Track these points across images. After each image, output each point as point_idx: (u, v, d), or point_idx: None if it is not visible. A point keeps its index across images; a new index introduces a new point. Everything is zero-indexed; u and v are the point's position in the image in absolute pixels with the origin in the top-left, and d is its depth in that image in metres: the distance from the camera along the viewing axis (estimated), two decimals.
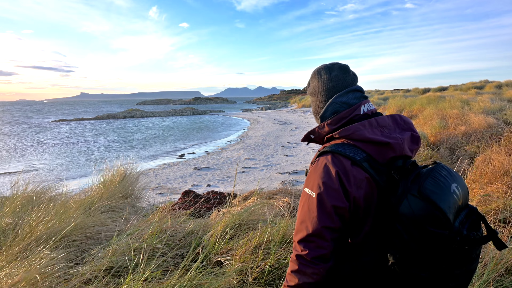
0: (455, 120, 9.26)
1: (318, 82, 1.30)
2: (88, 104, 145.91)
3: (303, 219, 1.12)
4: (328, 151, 1.14)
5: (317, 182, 1.11)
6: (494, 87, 24.78)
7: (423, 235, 0.97)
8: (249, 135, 20.46)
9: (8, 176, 11.12)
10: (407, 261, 1.01)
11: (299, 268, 1.11)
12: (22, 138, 22.37)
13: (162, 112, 47.82)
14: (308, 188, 1.13)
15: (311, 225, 1.09)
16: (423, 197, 0.98)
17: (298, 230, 1.13)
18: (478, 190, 3.95)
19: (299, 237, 1.12)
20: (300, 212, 1.15)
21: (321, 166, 1.12)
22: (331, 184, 1.08)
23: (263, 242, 2.67)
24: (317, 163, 1.15)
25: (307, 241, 1.10)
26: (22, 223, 3.06)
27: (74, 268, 2.47)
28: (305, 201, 1.13)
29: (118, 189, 4.75)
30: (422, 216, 0.97)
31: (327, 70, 1.29)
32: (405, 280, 1.03)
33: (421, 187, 0.99)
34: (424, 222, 0.97)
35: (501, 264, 2.22)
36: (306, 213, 1.12)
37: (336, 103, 1.23)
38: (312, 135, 1.28)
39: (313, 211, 1.10)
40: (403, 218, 0.99)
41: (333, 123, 1.21)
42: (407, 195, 1.00)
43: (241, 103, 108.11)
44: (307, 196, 1.13)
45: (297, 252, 1.11)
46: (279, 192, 4.98)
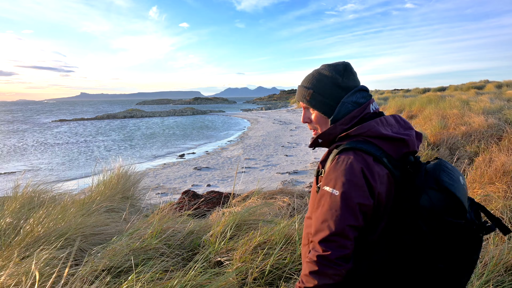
0: (455, 120, 9.26)
1: (327, 82, 1.24)
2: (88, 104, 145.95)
3: (325, 218, 1.08)
4: (349, 148, 1.12)
5: (340, 180, 1.08)
6: (494, 87, 24.78)
7: (442, 226, 1.01)
8: (249, 135, 20.47)
9: (9, 175, 11.12)
10: (426, 254, 1.03)
11: (319, 269, 1.06)
12: (22, 138, 22.37)
13: (162, 112, 47.82)
14: (329, 186, 1.10)
15: (334, 224, 1.06)
16: (442, 189, 1.02)
17: (318, 229, 1.09)
18: (478, 190, 3.95)
19: (320, 237, 1.07)
20: (320, 212, 1.11)
21: (344, 163, 1.10)
22: (356, 181, 1.07)
23: (263, 242, 2.67)
24: (337, 160, 1.12)
25: (330, 240, 1.06)
26: (23, 223, 3.06)
27: (74, 268, 2.47)
28: (325, 199, 1.10)
29: (118, 189, 4.75)
30: (442, 207, 1.01)
31: (336, 70, 1.25)
32: (421, 274, 1.05)
33: (439, 180, 1.04)
34: (443, 213, 1.01)
35: (501, 264, 2.23)
36: (327, 212, 1.08)
37: (348, 103, 1.21)
38: (321, 139, 1.24)
39: (336, 209, 1.07)
40: (423, 211, 1.02)
41: (345, 122, 1.19)
42: (425, 188, 1.03)
43: (241, 103, 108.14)
44: (329, 194, 1.09)
45: (318, 252, 1.07)
46: (279, 192, 4.98)
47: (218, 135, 22.64)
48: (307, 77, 1.31)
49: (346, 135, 1.18)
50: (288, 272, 2.42)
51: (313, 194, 1.27)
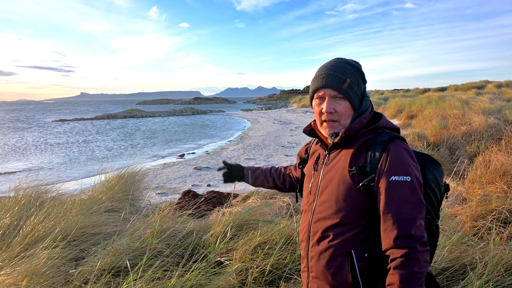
0: (455, 120, 9.26)
1: (358, 75, 1.26)
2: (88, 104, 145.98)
3: (408, 206, 1.08)
4: (396, 137, 1.20)
5: (405, 167, 1.13)
6: (494, 87, 24.78)
7: (439, 191, 1.23)
8: (249, 135, 20.47)
9: (9, 175, 11.13)
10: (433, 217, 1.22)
11: (422, 259, 1.04)
12: (23, 138, 22.37)
13: (162, 112, 47.81)
14: (397, 175, 1.11)
15: (418, 207, 1.09)
16: (435, 162, 1.26)
17: (405, 219, 1.07)
18: (478, 190, 3.95)
19: (412, 226, 1.06)
20: (397, 202, 1.09)
21: (401, 151, 1.16)
22: (415, 164, 1.16)
23: (263, 242, 2.67)
24: (393, 150, 1.15)
25: (420, 225, 1.08)
26: (23, 223, 3.06)
27: (74, 268, 2.48)
28: (400, 188, 1.10)
29: (118, 189, 4.75)
30: (439, 176, 1.24)
31: (360, 65, 1.29)
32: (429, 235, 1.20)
33: (430, 156, 1.28)
34: (439, 180, 1.24)
35: (501, 264, 2.22)
36: (408, 199, 1.09)
37: (368, 98, 1.30)
38: (346, 133, 1.21)
39: (415, 194, 1.10)
40: (430, 182, 1.21)
41: (366, 116, 1.25)
42: (427, 165, 1.24)
43: (241, 103, 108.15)
44: (402, 182, 1.10)
45: (416, 242, 1.04)
46: (279, 192, 4.98)
47: (218, 135, 22.64)
48: (336, 67, 1.24)
49: (375, 127, 1.25)
50: (288, 272, 2.42)
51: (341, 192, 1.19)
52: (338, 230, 1.19)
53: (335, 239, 1.19)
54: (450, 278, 2.30)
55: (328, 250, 1.20)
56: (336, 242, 1.19)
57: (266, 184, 1.73)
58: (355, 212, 1.17)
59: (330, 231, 1.20)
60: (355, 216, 1.17)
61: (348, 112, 1.24)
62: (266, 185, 1.74)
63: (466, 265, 2.34)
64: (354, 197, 1.17)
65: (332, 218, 1.20)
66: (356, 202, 1.17)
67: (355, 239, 1.17)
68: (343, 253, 1.17)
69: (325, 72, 1.25)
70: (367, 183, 1.14)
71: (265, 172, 1.75)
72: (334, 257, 1.19)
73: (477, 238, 2.86)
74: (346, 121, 1.24)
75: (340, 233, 1.18)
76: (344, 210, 1.18)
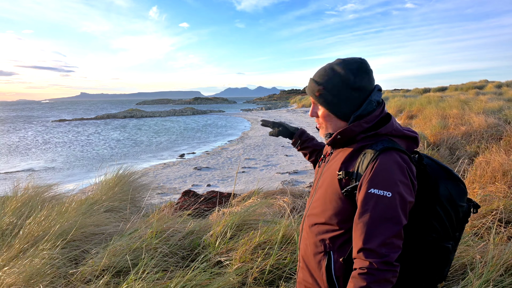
0: (455, 120, 9.26)
1: (338, 81, 1.20)
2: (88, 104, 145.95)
3: (378, 222, 1.05)
4: (390, 148, 1.12)
5: (390, 181, 1.07)
6: (494, 87, 24.78)
7: (455, 211, 1.15)
8: (249, 135, 20.47)
9: (9, 175, 11.13)
10: (441, 237, 1.14)
11: (380, 277, 1.02)
12: (23, 138, 22.37)
13: (162, 112, 47.80)
14: (377, 189, 1.07)
15: (391, 226, 1.05)
16: (454, 178, 1.17)
17: (372, 235, 1.05)
18: (478, 190, 3.95)
19: (378, 242, 1.04)
20: (369, 216, 1.06)
21: (390, 163, 1.09)
22: (405, 180, 1.08)
23: (263, 242, 2.67)
24: (381, 161, 1.09)
25: (388, 243, 1.04)
26: (23, 223, 3.06)
27: (74, 268, 2.48)
28: (376, 202, 1.06)
29: (118, 189, 4.75)
30: (456, 194, 1.16)
31: (349, 68, 1.20)
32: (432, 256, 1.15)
33: (449, 171, 1.19)
34: (456, 199, 1.15)
35: (501, 264, 2.23)
36: (381, 215, 1.05)
37: (373, 102, 1.20)
38: (341, 135, 1.20)
39: (391, 211, 1.05)
40: (443, 199, 1.14)
41: (368, 121, 1.18)
42: (440, 179, 1.16)
43: (241, 103, 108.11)
44: (379, 197, 1.06)
45: (377, 259, 1.03)
46: (279, 192, 4.98)
47: (218, 135, 22.64)
48: (319, 71, 1.26)
49: (375, 134, 1.17)
50: (288, 272, 2.42)
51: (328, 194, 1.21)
52: (321, 228, 1.22)
53: (318, 236, 1.23)
54: (450, 278, 2.30)
55: (312, 246, 1.25)
56: (318, 239, 1.23)
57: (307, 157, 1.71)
58: (338, 215, 1.18)
59: (315, 228, 1.25)
60: (338, 219, 1.18)
61: (327, 118, 1.25)
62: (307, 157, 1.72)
63: (466, 265, 2.34)
64: (338, 201, 1.17)
65: (319, 216, 1.24)
66: (339, 206, 1.17)
67: (335, 241, 1.19)
68: (323, 252, 1.21)
69: (310, 78, 1.30)
70: (350, 189, 1.14)
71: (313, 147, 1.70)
72: (315, 253, 1.23)
73: (477, 238, 2.86)
74: (328, 126, 1.26)
75: (322, 232, 1.22)
76: (329, 211, 1.20)
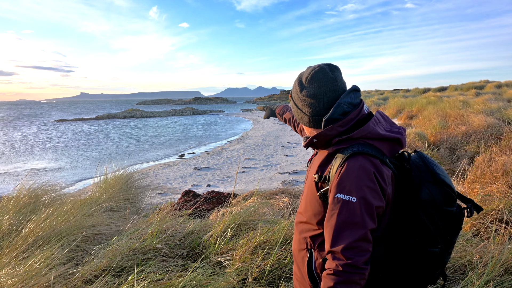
0: (455, 120, 9.26)
1: (320, 83, 1.20)
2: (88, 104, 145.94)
3: (344, 225, 1.07)
4: (358, 153, 1.11)
5: (356, 186, 1.08)
6: (494, 87, 24.78)
7: (440, 215, 1.12)
8: (249, 135, 20.47)
9: (10, 176, 11.13)
10: (425, 241, 1.12)
11: (347, 278, 1.05)
12: (23, 138, 22.37)
13: (162, 112, 47.80)
14: (342, 193, 1.08)
15: (357, 230, 1.06)
16: (438, 182, 1.12)
17: (338, 238, 1.07)
18: (478, 190, 3.95)
19: (343, 245, 1.06)
20: (336, 220, 1.08)
21: (355, 168, 1.09)
22: (371, 185, 1.08)
23: (263, 242, 2.67)
24: (348, 166, 1.10)
25: (354, 247, 1.05)
26: (24, 223, 3.06)
27: (74, 268, 2.47)
28: (341, 207, 1.08)
29: (118, 189, 4.75)
30: (440, 198, 1.11)
31: (327, 71, 1.21)
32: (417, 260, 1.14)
33: (435, 173, 1.14)
34: (442, 204, 1.11)
35: (501, 264, 2.23)
36: (347, 219, 1.07)
37: (343, 104, 1.18)
38: (316, 139, 1.20)
39: (355, 215, 1.06)
40: (425, 203, 1.11)
41: (343, 124, 1.16)
42: (423, 182, 1.12)
43: (241, 103, 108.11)
44: (344, 202, 1.08)
45: (342, 261, 1.05)
46: (279, 192, 4.98)
47: (218, 135, 22.64)
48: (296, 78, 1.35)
49: (348, 138, 1.16)
50: (288, 272, 2.42)
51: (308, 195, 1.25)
52: (304, 227, 1.28)
53: (301, 234, 1.29)
54: (450, 278, 2.30)
55: (297, 242, 1.32)
56: (302, 237, 1.29)
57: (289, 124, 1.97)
58: (317, 216, 1.22)
59: (300, 225, 1.31)
60: (316, 219, 1.22)
61: (301, 121, 1.30)
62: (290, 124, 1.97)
63: (466, 265, 2.34)
64: (315, 202, 1.22)
65: (302, 215, 1.30)
66: (316, 207, 1.21)
67: (315, 240, 1.24)
68: (305, 249, 1.27)
69: None
70: (323, 192, 1.17)
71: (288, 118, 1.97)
72: (300, 249, 1.30)
73: (477, 238, 2.86)
74: (306, 129, 1.33)
75: (305, 230, 1.28)
76: (309, 211, 1.25)
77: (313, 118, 1.23)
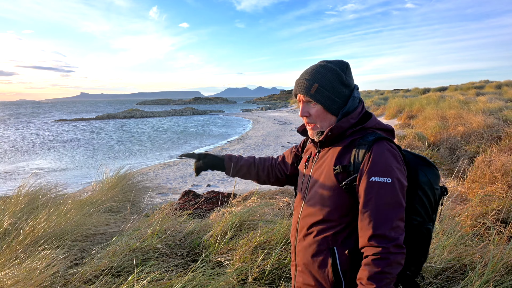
0: (455, 120, 9.27)
1: (332, 77, 1.25)
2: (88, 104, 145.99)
3: (384, 207, 1.11)
4: (381, 138, 1.19)
5: (388, 168, 1.13)
6: (494, 87, 24.78)
7: (433, 194, 1.24)
8: (249, 135, 20.47)
9: (10, 176, 11.13)
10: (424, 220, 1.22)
11: (393, 260, 1.07)
12: (23, 138, 22.37)
13: (162, 112, 47.78)
14: (377, 176, 1.13)
15: (396, 210, 1.11)
16: (430, 164, 1.27)
17: (381, 220, 1.10)
18: (478, 190, 3.95)
19: (387, 227, 1.09)
20: (375, 203, 1.12)
21: (384, 152, 1.16)
22: (399, 166, 1.16)
23: (264, 242, 2.67)
24: (376, 151, 1.15)
25: (396, 227, 1.10)
26: (24, 223, 3.06)
27: (74, 268, 2.48)
28: (379, 189, 1.12)
29: (118, 189, 4.75)
30: (433, 178, 1.24)
31: (340, 66, 1.28)
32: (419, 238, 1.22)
33: (423, 158, 1.28)
34: (434, 183, 1.24)
35: (501, 264, 2.23)
36: (385, 201, 1.11)
37: (356, 98, 1.28)
38: (334, 131, 1.24)
39: (393, 196, 1.11)
40: (423, 184, 1.21)
41: (354, 116, 1.25)
42: (418, 166, 1.24)
43: (241, 103, 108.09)
44: (381, 184, 1.12)
45: (389, 243, 1.07)
46: (279, 192, 4.98)
47: (218, 135, 22.64)
48: (309, 71, 1.30)
49: (361, 128, 1.24)
50: (288, 272, 2.42)
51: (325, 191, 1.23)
52: (321, 226, 1.24)
53: (319, 235, 1.24)
54: (450, 278, 2.30)
55: (312, 245, 1.25)
56: (319, 238, 1.24)
57: (248, 177, 1.66)
58: (338, 210, 1.21)
59: (314, 227, 1.26)
60: (338, 214, 1.21)
61: (321, 115, 1.28)
62: (248, 177, 1.66)
63: (466, 265, 2.34)
64: (337, 196, 1.21)
65: (316, 215, 1.25)
66: (339, 201, 1.21)
67: (337, 237, 1.21)
68: (326, 249, 1.22)
69: (299, 78, 1.33)
70: (349, 182, 1.18)
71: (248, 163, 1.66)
72: (317, 252, 1.24)
73: (477, 238, 2.86)
74: (323, 123, 1.29)
75: (323, 230, 1.23)
76: (328, 207, 1.22)
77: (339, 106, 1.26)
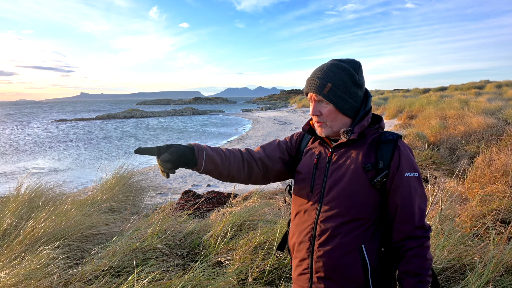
0: (455, 120, 9.26)
1: (345, 77, 1.25)
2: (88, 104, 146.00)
3: (419, 199, 1.22)
4: (399, 136, 1.28)
5: (412, 164, 1.24)
6: (494, 87, 24.78)
7: None
8: (249, 135, 20.47)
9: (10, 175, 11.13)
10: None
11: (429, 246, 1.20)
12: (23, 138, 22.37)
13: (162, 112, 47.75)
14: (409, 172, 1.22)
15: (425, 200, 1.24)
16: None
17: (420, 212, 1.21)
18: (478, 190, 3.95)
19: (423, 218, 1.21)
20: (412, 197, 1.21)
21: (407, 149, 1.26)
22: (415, 160, 1.27)
23: (264, 242, 2.67)
24: (402, 148, 1.24)
25: (425, 216, 1.23)
26: (24, 223, 3.06)
27: (74, 268, 2.48)
28: (413, 184, 1.21)
29: (118, 189, 4.75)
30: None
31: (353, 66, 1.28)
32: None
33: None
34: None
35: (501, 264, 2.23)
36: (418, 194, 1.22)
37: (370, 97, 1.34)
38: (360, 129, 1.27)
39: (422, 188, 1.23)
40: None
41: (370, 116, 1.31)
42: None
43: (241, 103, 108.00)
44: (413, 178, 1.22)
45: (426, 233, 1.20)
46: (279, 192, 4.99)
47: (218, 135, 22.65)
48: (321, 70, 1.27)
49: (379, 127, 1.31)
50: (288, 272, 2.42)
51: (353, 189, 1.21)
52: (350, 226, 1.21)
53: (348, 235, 1.21)
54: (450, 278, 2.30)
55: (340, 247, 1.21)
56: (348, 238, 1.21)
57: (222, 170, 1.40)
58: (367, 208, 1.22)
59: (342, 228, 1.21)
60: (367, 211, 1.22)
61: (333, 115, 1.26)
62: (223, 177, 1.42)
63: (466, 265, 2.34)
64: (368, 193, 1.22)
65: (344, 215, 1.22)
66: (369, 198, 1.22)
67: (366, 234, 1.22)
68: (355, 249, 1.20)
69: (311, 76, 1.30)
70: (380, 179, 1.20)
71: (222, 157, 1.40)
72: (346, 253, 1.20)
73: (477, 238, 2.86)
74: (333, 123, 1.27)
75: (352, 230, 1.21)
76: (357, 206, 1.21)
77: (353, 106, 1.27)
